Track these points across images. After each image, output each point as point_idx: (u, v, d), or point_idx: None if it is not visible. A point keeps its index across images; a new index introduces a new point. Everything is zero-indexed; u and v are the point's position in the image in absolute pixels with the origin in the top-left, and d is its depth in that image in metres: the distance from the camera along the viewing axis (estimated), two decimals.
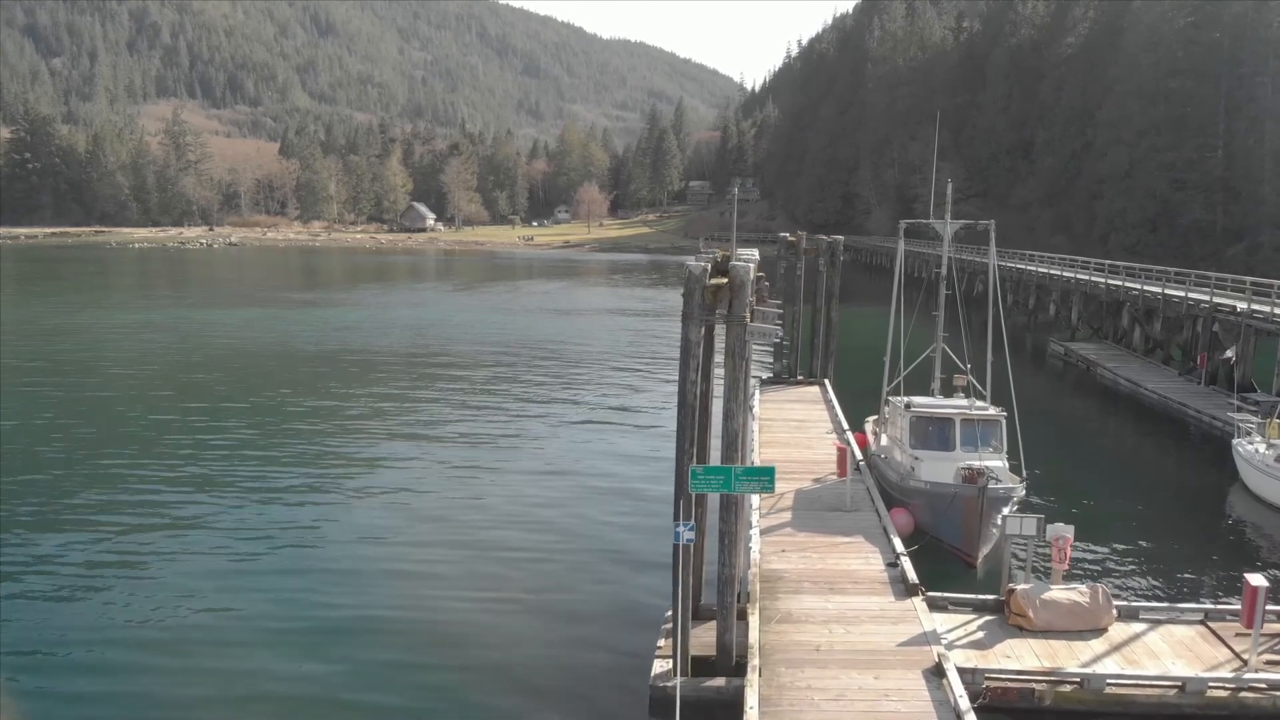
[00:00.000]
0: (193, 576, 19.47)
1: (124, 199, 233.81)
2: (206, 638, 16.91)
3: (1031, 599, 15.29)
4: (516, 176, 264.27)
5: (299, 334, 58.17)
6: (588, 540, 22.01)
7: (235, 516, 23.35)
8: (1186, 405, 35.48)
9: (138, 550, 21.07)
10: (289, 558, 20.80)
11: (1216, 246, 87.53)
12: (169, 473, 27.02)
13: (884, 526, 19.56)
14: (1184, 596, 18.36)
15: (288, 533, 22.30)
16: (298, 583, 19.32)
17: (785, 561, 17.55)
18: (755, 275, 15.91)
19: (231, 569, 20.07)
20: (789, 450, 26.07)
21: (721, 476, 13.06)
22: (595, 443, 31.45)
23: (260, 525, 22.79)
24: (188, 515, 23.39)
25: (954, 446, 20.80)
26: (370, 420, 34.81)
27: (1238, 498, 25.58)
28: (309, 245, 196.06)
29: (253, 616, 17.73)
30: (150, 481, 26.24)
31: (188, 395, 39.03)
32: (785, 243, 38.57)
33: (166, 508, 23.98)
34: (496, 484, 26.46)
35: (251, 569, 20.12)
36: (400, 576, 19.77)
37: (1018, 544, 16.60)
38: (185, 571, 19.79)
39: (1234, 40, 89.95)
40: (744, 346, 13.40)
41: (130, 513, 23.60)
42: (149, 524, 22.74)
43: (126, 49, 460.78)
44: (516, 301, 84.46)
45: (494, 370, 45.98)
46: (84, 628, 17.19)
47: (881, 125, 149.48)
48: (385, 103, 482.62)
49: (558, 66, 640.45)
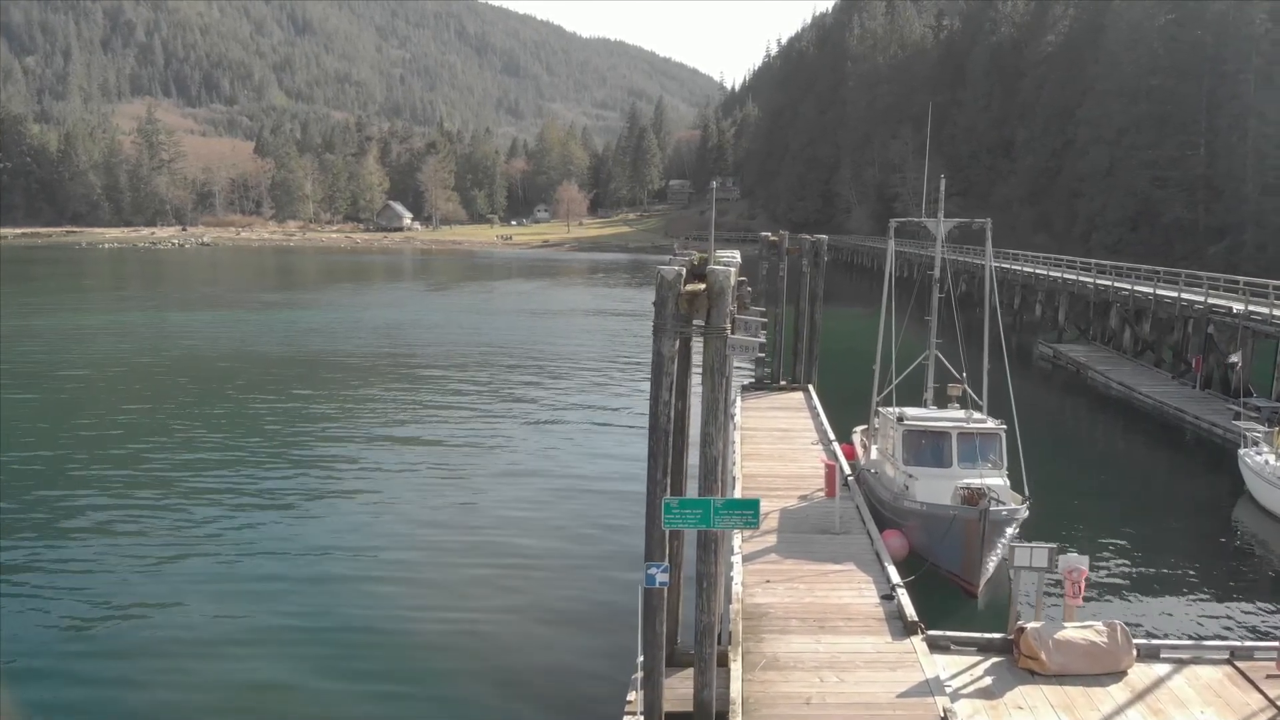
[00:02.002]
0: (146, 582, 19.14)
1: (96, 199, 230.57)
2: (158, 644, 16.51)
3: (1044, 639, 13.77)
4: (495, 175, 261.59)
5: (263, 336, 56.12)
6: (554, 561, 20.69)
7: (201, 523, 22.58)
8: (1183, 411, 34.21)
9: (81, 556, 20.47)
10: (256, 564, 20.22)
11: (1198, 245, 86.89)
12: (128, 478, 26.24)
13: (877, 551, 18.01)
14: (1204, 629, 16.92)
15: (251, 535, 21.78)
16: (268, 587, 18.99)
17: (771, 594, 15.95)
18: (736, 280, 14.34)
19: (201, 574, 19.58)
20: (773, 464, 24.51)
21: (699, 510, 11.46)
22: (564, 451, 30.11)
23: (224, 530, 22.12)
24: (137, 524, 22.53)
25: (951, 463, 19.28)
26: (333, 426, 33.16)
27: (1246, 511, 24.19)
28: (283, 245, 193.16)
29: (216, 621, 17.38)
30: (105, 486, 25.55)
31: (143, 400, 37.44)
32: (767, 242, 37.05)
33: (119, 513, 23.23)
34: (460, 493, 25.41)
35: (227, 574, 19.66)
36: (343, 583, 19.34)
37: (1027, 577, 15.01)
38: (140, 577, 19.39)
39: (1216, 37, 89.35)
40: (724, 362, 11.79)
41: (83, 518, 22.89)
42: (93, 528, 22.09)
43: (101, 47, 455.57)
44: (492, 302, 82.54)
45: (464, 374, 44.19)
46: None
47: (862, 124, 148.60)
48: (363, 101, 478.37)
49: (537, 65, 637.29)
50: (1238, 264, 74.93)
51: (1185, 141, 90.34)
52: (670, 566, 12.52)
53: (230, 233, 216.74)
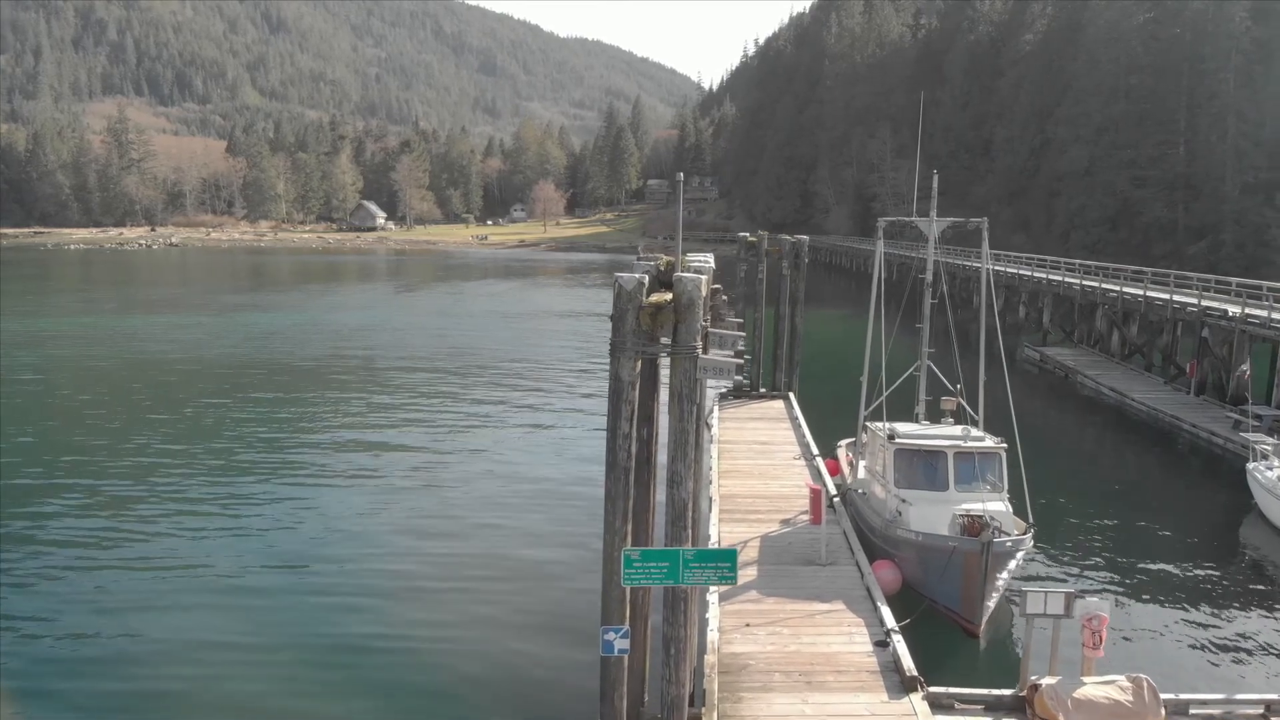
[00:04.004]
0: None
1: (65, 199, 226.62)
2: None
3: (1061, 698, 12.09)
4: (471, 174, 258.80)
5: (217, 341, 53.67)
6: (524, 570, 19.69)
7: (152, 536, 21.59)
8: (1180, 419, 32.73)
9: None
10: (214, 574, 19.48)
11: (1178, 244, 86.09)
12: (66, 487, 25.09)
13: (867, 586, 16.26)
14: (1231, 675, 15.26)
15: (207, 546, 21.03)
16: (230, 600, 18.29)
17: (750, 642, 14.15)
18: (710, 288, 12.54)
19: (145, 590, 18.64)
20: (752, 482, 22.75)
21: (665, 563, 9.71)
22: (533, 456, 28.51)
23: (174, 543, 21.20)
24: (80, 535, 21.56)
25: (947, 485, 17.54)
26: (284, 435, 31.21)
27: (1258, 532, 22.57)
28: (253, 245, 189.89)
29: (166, 634, 16.65)
30: (38, 495, 24.37)
31: (89, 408, 35.36)
32: (745, 243, 35.29)
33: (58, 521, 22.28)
34: (421, 501, 24.44)
35: (181, 586, 18.86)
36: (301, 594, 18.66)
37: (1040, 625, 13.29)
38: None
39: (1195, 36, 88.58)
40: (695, 387, 10.00)
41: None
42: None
43: (72, 46, 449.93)
44: (462, 304, 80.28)
45: (427, 380, 42.14)
46: None
47: (839, 123, 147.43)
48: (338, 100, 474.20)
49: (514, 64, 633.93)
50: (1217, 263, 74.12)
51: (1164, 140, 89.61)
52: (634, 625, 10.74)
53: (200, 233, 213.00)
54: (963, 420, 19.53)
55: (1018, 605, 13.70)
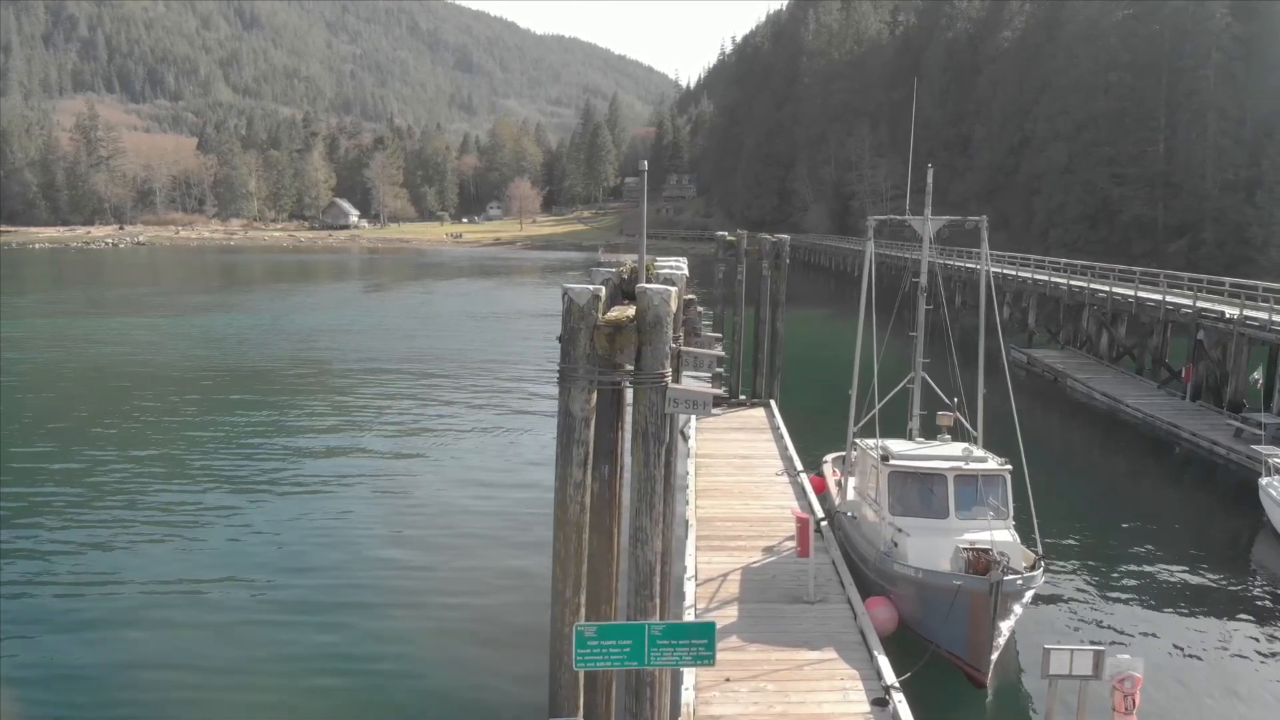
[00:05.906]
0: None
1: (32, 197, 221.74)
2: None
3: None
4: (446, 172, 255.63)
5: (172, 344, 51.31)
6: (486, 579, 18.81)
7: (91, 547, 20.63)
8: (1177, 426, 31.29)
9: None
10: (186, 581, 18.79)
11: (1157, 242, 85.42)
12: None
13: (861, 630, 14.57)
14: None
15: (170, 552, 20.33)
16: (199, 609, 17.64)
17: (731, 701, 12.41)
18: (683, 299, 10.79)
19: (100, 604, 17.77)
20: (732, 502, 21.05)
21: (627, 642, 7.95)
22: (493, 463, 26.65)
23: (133, 555, 20.24)
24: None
25: (947, 512, 15.86)
26: (241, 441, 29.57)
27: (1270, 549, 21.11)
28: (223, 244, 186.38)
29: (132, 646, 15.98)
30: None
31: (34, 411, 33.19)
32: (724, 243, 33.59)
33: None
34: (381, 508, 23.60)
35: (128, 602, 17.89)
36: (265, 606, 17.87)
37: (1065, 687, 11.64)
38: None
39: (1175, 33, 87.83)
40: (665, 423, 8.22)
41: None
42: None
43: (43, 42, 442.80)
44: (432, 304, 78.05)
45: (391, 384, 40.18)
46: None
47: (818, 121, 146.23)
48: (312, 97, 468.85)
49: (491, 61, 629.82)
50: (1197, 261, 73.37)
51: (1144, 138, 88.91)
52: (592, 700, 8.98)
53: (169, 231, 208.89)
54: (961, 437, 17.89)
55: (1037, 662, 12.00)
